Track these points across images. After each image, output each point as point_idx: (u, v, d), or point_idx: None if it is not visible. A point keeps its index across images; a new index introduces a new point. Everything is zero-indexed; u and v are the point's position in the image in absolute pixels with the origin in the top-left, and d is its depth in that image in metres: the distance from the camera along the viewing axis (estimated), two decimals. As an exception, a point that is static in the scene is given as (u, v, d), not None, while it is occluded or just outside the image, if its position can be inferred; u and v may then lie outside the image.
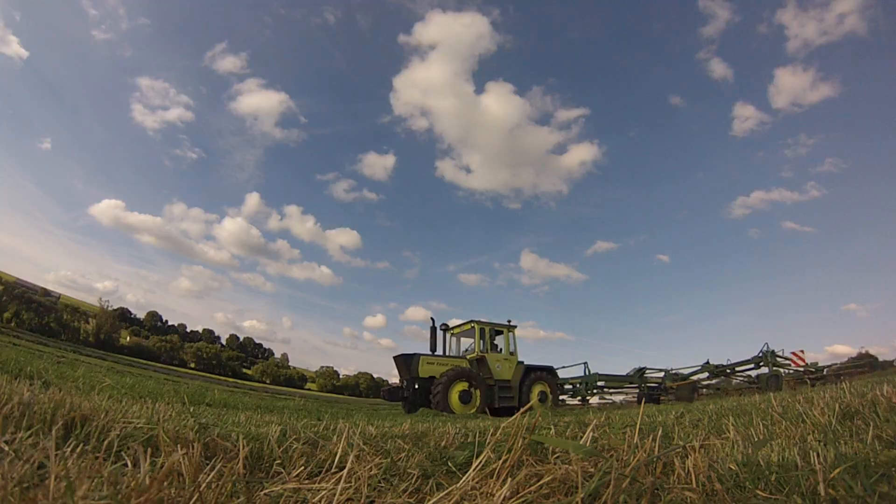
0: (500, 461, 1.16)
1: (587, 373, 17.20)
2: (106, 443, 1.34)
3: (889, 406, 2.15)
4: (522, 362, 13.40)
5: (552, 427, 2.74)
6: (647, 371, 18.49)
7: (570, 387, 17.16)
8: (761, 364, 16.79)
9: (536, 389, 12.94)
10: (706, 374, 17.99)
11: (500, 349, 13.60)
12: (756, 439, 1.84)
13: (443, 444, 1.92)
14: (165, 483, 0.97)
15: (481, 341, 13.09)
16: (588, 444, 1.38)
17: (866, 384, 3.97)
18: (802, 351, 17.47)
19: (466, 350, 13.72)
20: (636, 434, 1.46)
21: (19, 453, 1.07)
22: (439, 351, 12.88)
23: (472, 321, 13.36)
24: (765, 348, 17.26)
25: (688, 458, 1.31)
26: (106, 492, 0.89)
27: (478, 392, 11.57)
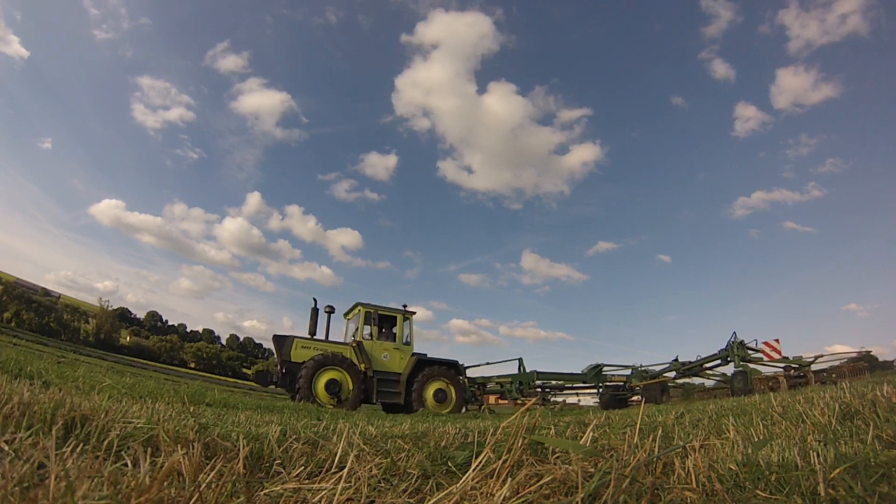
0: (500, 461, 1.16)
1: (521, 370, 15.15)
2: (106, 443, 1.34)
3: (889, 406, 2.14)
4: (425, 355, 11.98)
5: (552, 427, 2.74)
6: (606, 368, 16.29)
7: (499, 386, 15.25)
8: (728, 359, 14.43)
9: (433, 387, 11.49)
10: (674, 373, 15.95)
11: (404, 338, 12.19)
12: (756, 439, 1.83)
13: (443, 444, 1.92)
14: (166, 483, 0.97)
15: (366, 326, 11.69)
16: (588, 444, 1.38)
17: (866, 384, 3.97)
18: (777, 340, 14.49)
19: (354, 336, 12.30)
20: (636, 434, 1.46)
21: (19, 453, 1.07)
22: (321, 335, 11.52)
23: (358, 304, 12.06)
24: (732, 338, 14.50)
25: (688, 458, 1.31)
26: (106, 492, 0.89)
27: (350, 383, 10.47)
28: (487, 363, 15.84)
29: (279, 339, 10.94)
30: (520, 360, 15.29)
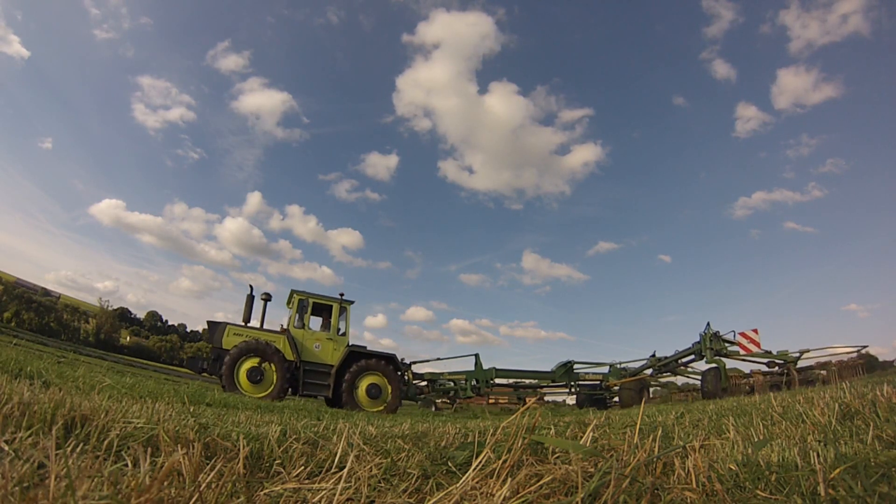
0: (500, 461, 1.16)
1: (478, 366, 14.05)
2: (106, 443, 1.34)
3: (889, 406, 2.14)
4: (364, 347, 11.51)
5: (552, 427, 2.74)
6: (577, 365, 14.98)
7: (451, 383, 14.17)
8: (702, 353, 12.96)
9: (366, 381, 10.91)
10: (651, 371, 14.92)
11: (339, 329, 11.68)
12: (756, 439, 1.84)
13: (443, 444, 1.92)
14: (166, 483, 0.97)
15: (298, 315, 11.34)
16: (588, 444, 1.38)
17: (866, 384, 3.97)
18: (756, 330, 12.38)
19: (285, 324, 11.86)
20: (636, 434, 1.46)
21: (19, 453, 1.07)
22: (257, 323, 11.21)
23: (293, 291, 11.69)
24: (706, 329, 12.71)
25: (688, 458, 1.31)
26: (106, 492, 0.89)
27: (274, 372, 10.15)
28: (438, 359, 14.68)
29: (212, 325, 10.68)
30: (476, 355, 14.27)
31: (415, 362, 13.54)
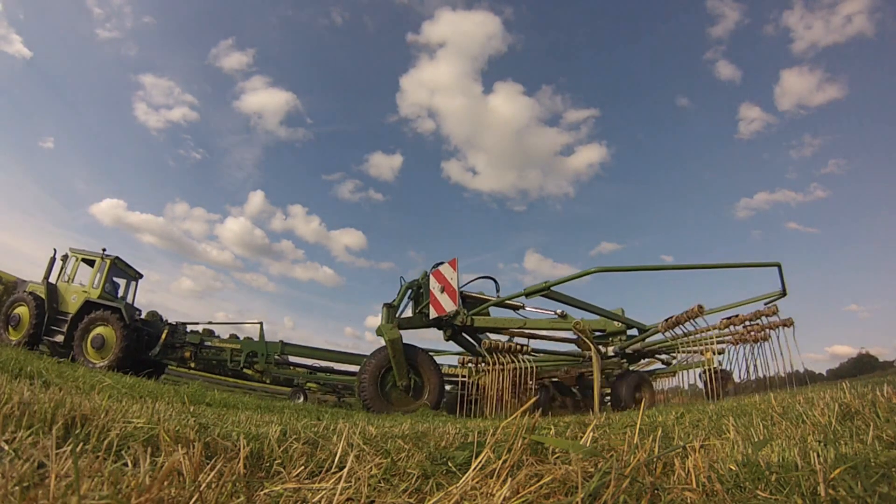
0: (500, 461, 1.16)
1: (261, 338, 12.47)
2: (106, 442, 1.34)
3: (889, 406, 2.14)
4: (127, 303, 11.95)
5: (552, 427, 2.74)
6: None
7: (218, 351, 12.88)
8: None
9: (95, 331, 11.21)
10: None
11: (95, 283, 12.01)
12: (756, 440, 1.83)
13: (443, 444, 1.92)
14: (166, 483, 0.97)
15: (64, 269, 12.15)
16: (588, 444, 1.38)
17: (866, 384, 3.97)
18: (454, 263, 6.83)
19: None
20: (636, 434, 1.46)
21: (19, 453, 1.07)
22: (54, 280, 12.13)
23: (70, 249, 12.33)
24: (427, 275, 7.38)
25: (688, 458, 1.31)
26: (106, 491, 0.89)
27: (28, 318, 11.19)
28: (210, 322, 13.56)
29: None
30: (260, 324, 12.74)
31: (182, 323, 13.36)
